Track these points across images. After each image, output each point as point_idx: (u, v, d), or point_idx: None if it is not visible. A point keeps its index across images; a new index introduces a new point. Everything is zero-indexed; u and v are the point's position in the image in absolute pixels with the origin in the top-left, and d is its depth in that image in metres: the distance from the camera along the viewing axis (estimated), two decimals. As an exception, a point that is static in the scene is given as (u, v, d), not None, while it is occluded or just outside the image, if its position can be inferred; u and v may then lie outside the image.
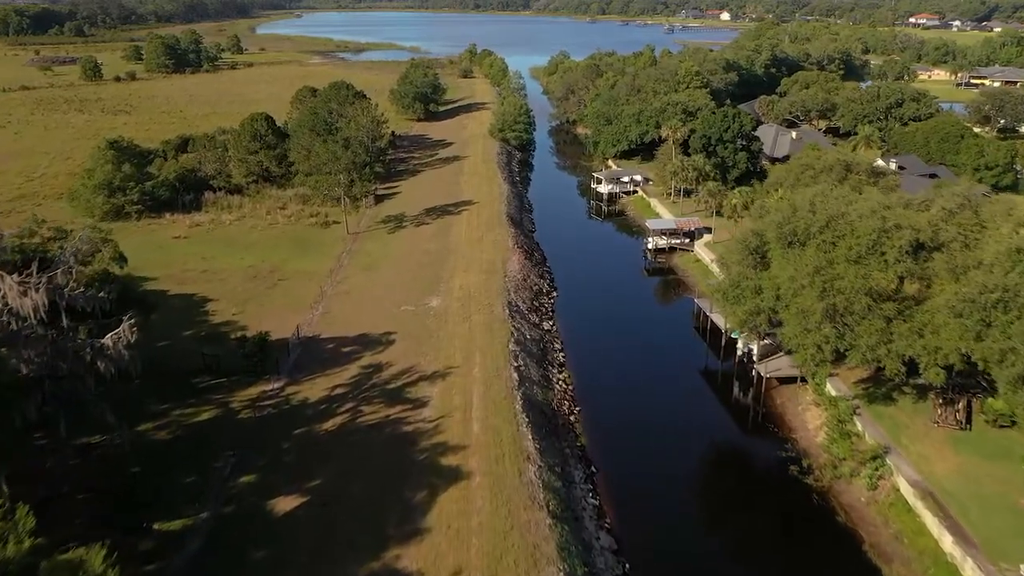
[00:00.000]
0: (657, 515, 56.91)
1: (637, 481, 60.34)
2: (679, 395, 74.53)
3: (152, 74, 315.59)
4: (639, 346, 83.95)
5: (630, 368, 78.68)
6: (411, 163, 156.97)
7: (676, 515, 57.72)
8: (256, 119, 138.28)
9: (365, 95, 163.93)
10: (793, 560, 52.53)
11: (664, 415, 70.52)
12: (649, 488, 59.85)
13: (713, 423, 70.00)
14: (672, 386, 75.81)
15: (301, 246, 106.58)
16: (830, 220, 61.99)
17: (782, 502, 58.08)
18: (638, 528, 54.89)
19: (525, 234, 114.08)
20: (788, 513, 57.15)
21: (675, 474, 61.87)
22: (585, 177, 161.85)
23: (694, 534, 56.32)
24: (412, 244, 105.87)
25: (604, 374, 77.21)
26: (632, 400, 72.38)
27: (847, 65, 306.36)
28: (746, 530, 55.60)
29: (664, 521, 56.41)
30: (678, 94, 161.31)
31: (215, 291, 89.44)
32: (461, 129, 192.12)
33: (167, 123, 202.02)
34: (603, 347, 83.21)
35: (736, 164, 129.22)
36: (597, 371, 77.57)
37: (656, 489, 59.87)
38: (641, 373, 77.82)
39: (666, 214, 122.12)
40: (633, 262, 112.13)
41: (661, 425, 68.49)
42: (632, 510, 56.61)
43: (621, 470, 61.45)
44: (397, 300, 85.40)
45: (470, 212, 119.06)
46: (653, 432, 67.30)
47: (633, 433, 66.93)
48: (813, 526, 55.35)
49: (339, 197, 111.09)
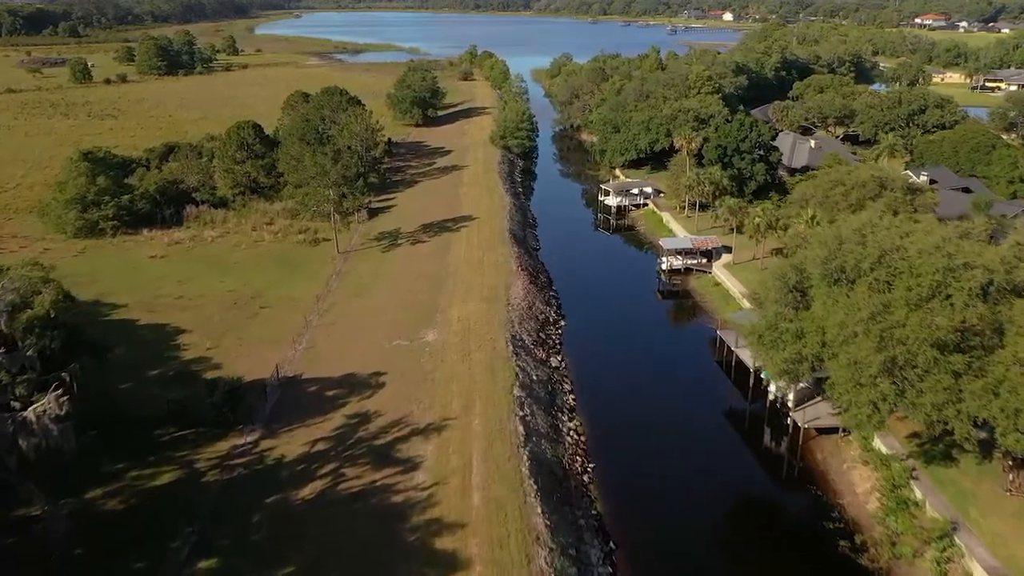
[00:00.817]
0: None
1: (663, 558, 52.16)
2: (703, 444, 66.34)
3: (144, 76, 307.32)
4: (655, 383, 75.84)
5: (647, 411, 70.53)
6: (408, 173, 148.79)
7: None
8: (243, 127, 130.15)
9: (360, 101, 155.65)
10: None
11: (687, 468, 62.37)
12: (677, 566, 51.69)
13: (744, 480, 61.86)
14: (695, 433, 67.60)
15: (287, 267, 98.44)
16: (883, 255, 53.83)
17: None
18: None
19: (529, 253, 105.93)
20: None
21: (704, 548, 53.71)
22: (591, 186, 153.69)
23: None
24: (407, 265, 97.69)
25: (619, 419, 69.02)
26: (651, 450, 64.25)
27: (857, 67, 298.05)
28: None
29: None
30: (689, 100, 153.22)
31: (189, 321, 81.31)
32: (461, 135, 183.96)
33: (154, 128, 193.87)
34: (616, 385, 75.06)
35: (754, 176, 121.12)
36: (611, 415, 69.39)
37: (684, 566, 51.73)
38: (659, 416, 69.66)
39: (680, 231, 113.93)
40: (646, 283, 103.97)
41: (684, 482, 60.34)
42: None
43: (643, 543, 53.26)
44: (389, 333, 77.24)
45: (470, 228, 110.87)
46: (676, 491, 59.15)
47: (654, 493, 58.79)
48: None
49: (328, 214, 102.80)
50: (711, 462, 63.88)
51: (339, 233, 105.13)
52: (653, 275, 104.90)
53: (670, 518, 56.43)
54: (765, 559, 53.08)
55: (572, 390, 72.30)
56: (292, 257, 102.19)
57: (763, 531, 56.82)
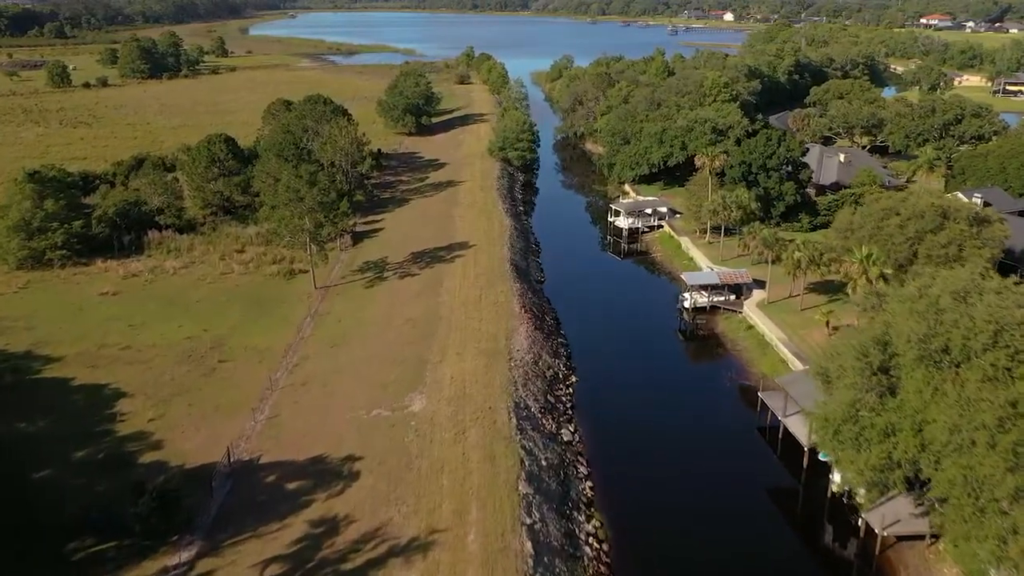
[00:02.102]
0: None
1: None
2: (750, 543, 53.61)
3: (126, 80, 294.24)
4: (686, 459, 63.24)
5: (678, 497, 58.07)
6: (399, 189, 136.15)
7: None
8: (214, 141, 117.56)
9: (346, 111, 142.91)
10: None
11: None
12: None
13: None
14: (739, 531, 54.87)
15: (256, 307, 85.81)
16: (1000, 331, 41.36)
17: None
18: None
19: (533, 289, 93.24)
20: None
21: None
22: (598, 200, 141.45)
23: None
24: (393, 306, 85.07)
25: (646, 512, 56.41)
26: (688, 556, 51.68)
27: (871, 70, 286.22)
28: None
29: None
30: (705, 109, 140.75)
31: (134, 380, 68.74)
32: (457, 146, 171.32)
33: (129, 138, 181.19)
34: (640, 464, 62.28)
35: (782, 196, 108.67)
36: (636, 506, 56.72)
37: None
38: (693, 503, 57.19)
39: (702, 259, 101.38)
40: (665, 321, 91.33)
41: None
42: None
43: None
44: (368, 398, 64.66)
45: (466, 258, 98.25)
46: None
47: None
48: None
49: (305, 244, 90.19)
50: (762, 568, 51.38)
51: (316, 266, 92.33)
52: (673, 312, 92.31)
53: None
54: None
55: (589, 474, 59.59)
56: (263, 294, 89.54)
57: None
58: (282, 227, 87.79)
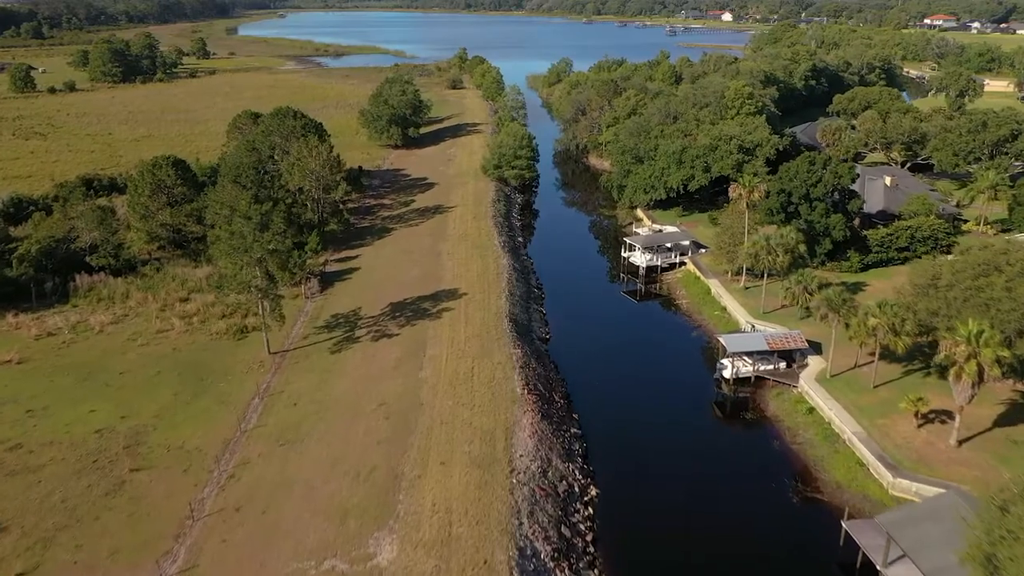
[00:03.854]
0: None
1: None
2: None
3: (96, 84, 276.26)
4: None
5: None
6: (380, 216, 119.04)
7: None
8: (159, 165, 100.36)
9: (319, 126, 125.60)
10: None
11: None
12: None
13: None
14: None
15: (193, 381, 68.81)
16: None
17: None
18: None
19: (537, 353, 76.23)
20: None
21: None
22: (606, 225, 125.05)
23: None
24: (363, 381, 68.05)
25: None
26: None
27: (888, 74, 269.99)
28: None
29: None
30: (728, 123, 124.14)
31: (13, 503, 51.97)
32: (447, 162, 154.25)
33: (85, 151, 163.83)
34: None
35: (829, 231, 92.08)
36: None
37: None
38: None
39: (737, 310, 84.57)
40: (699, 393, 74.34)
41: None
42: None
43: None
44: (320, 538, 47.71)
45: (455, 313, 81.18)
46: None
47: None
48: None
49: (256, 301, 73.05)
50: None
51: (271, 329, 75.09)
52: (707, 378, 75.51)
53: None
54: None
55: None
56: (205, 362, 72.43)
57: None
58: (225, 284, 70.56)
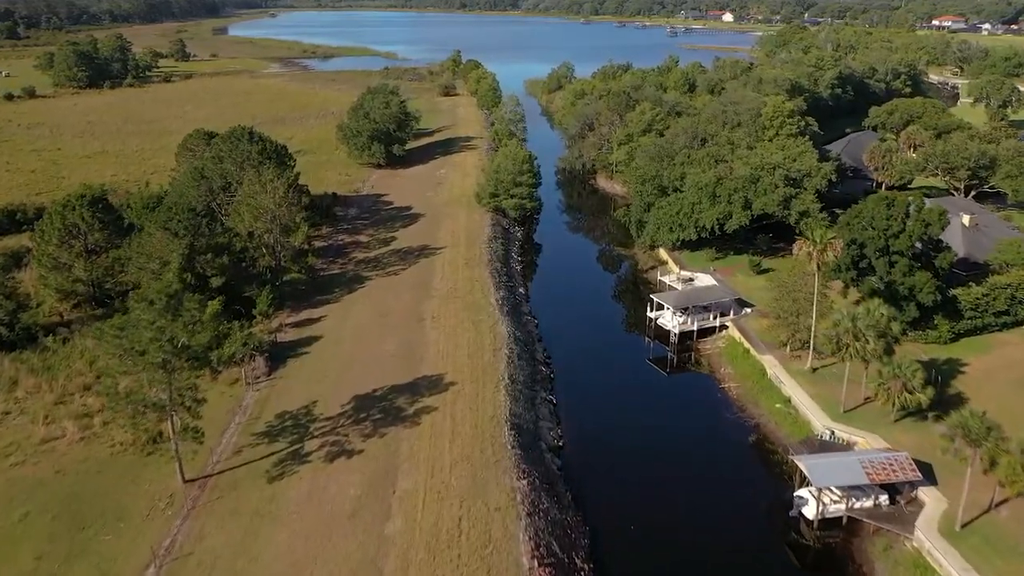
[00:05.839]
0: None
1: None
2: None
3: (60, 89, 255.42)
4: None
5: None
6: (352, 258, 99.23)
7: None
8: (72, 206, 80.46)
9: (283, 149, 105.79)
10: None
11: None
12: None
13: None
14: None
15: (71, 532, 49.19)
16: None
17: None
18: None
19: (549, 479, 56.52)
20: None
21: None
22: (621, 263, 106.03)
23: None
24: (307, 539, 48.26)
25: None
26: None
27: (913, 81, 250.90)
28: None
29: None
30: (767, 146, 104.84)
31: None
32: (436, 185, 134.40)
33: (24, 171, 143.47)
34: None
35: (916, 293, 72.59)
36: None
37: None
38: None
39: (808, 406, 64.98)
40: (765, 526, 55.11)
41: None
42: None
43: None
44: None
45: (439, 416, 61.36)
46: None
47: None
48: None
49: (159, 422, 53.14)
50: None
51: (184, 455, 55.09)
52: (774, 501, 56.20)
53: None
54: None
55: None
56: (94, 495, 52.69)
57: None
58: (110, 405, 50.66)
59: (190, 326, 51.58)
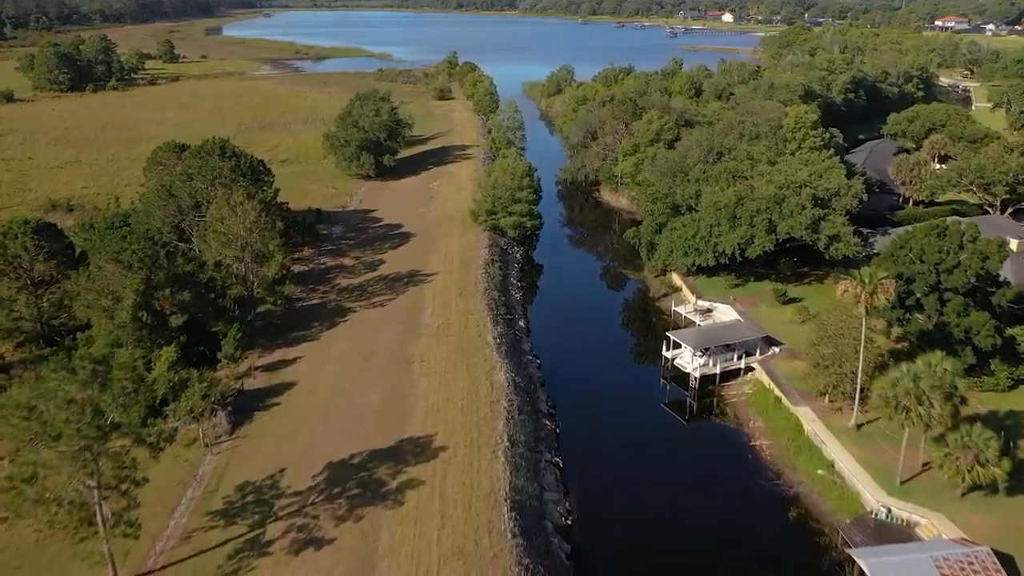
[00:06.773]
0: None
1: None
2: None
3: (40, 92, 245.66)
4: None
5: None
6: (335, 285, 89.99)
7: None
8: (15, 233, 71.12)
9: (260, 165, 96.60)
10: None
11: None
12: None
13: None
14: None
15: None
16: None
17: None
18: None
19: (556, 568, 47.39)
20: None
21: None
22: (630, 287, 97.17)
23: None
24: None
25: None
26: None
27: (925, 84, 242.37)
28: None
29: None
30: (789, 160, 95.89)
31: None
32: (429, 200, 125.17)
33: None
34: None
35: (972, 336, 63.56)
36: None
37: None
38: None
39: (855, 471, 55.97)
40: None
41: None
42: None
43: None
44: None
45: (426, 493, 52.11)
46: None
47: None
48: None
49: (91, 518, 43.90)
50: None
51: (122, 548, 45.82)
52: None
53: None
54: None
55: None
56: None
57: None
58: (13, 505, 41.22)
59: (121, 398, 42.28)
